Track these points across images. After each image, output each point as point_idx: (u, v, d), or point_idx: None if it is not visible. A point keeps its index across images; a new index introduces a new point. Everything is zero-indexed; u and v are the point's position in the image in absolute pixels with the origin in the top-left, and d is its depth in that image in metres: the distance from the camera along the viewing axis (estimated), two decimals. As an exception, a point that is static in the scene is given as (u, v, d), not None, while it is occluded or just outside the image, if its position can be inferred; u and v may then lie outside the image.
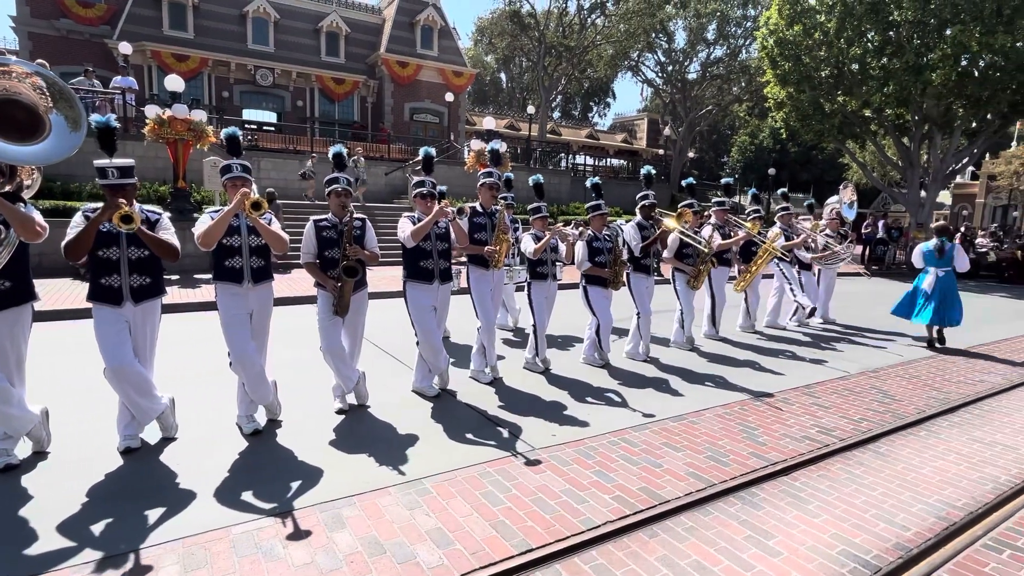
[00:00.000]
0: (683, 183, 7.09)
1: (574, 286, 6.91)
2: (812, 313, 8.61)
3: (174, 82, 11.81)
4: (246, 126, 22.42)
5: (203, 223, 3.74)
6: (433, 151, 5.15)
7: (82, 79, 14.45)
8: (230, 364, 3.89)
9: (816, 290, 8.86)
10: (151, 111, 11.10)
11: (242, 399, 4.03)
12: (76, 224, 3.40)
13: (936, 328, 7.48)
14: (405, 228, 4.58)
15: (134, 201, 3.56)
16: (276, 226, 3.91)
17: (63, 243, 3.39)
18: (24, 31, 20.44)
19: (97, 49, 21.04)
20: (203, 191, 13.37)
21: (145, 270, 3.58)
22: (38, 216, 3.26)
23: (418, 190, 4.69)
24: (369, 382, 4.72)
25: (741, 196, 31.80)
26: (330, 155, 4.50)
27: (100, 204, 3.53)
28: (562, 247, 5.72)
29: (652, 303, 6.32)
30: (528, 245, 5.48)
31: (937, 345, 7.48)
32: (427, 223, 4.48)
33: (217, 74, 23.21)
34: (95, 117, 3.57)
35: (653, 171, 6.53)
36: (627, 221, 6.55)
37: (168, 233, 3.64)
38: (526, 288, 5.70)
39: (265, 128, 23.68)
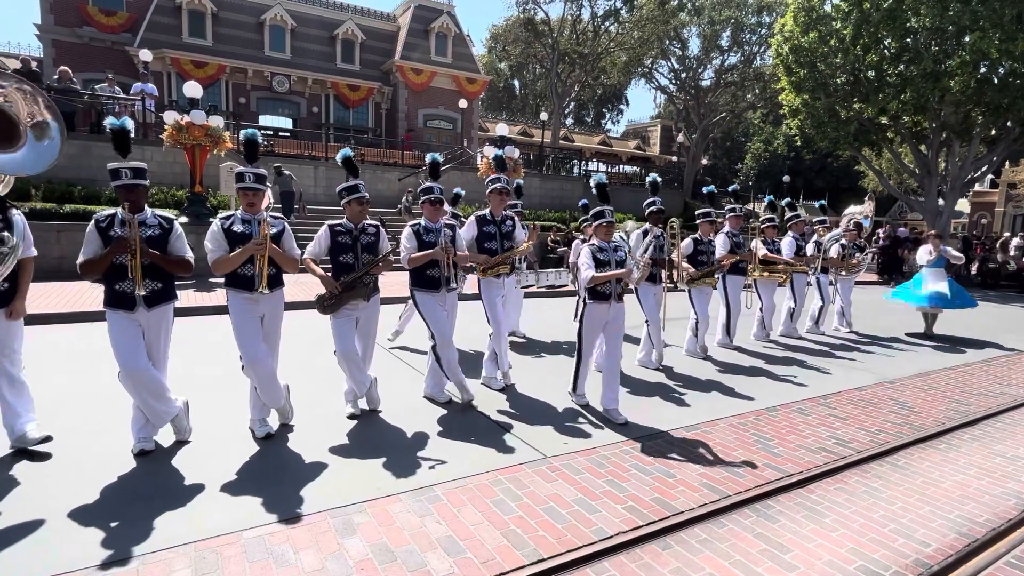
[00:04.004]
0: (704, 190, 7.04)
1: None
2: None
3: (192, 88, 11.98)
4: (262, 132, 22.71)
5: (215, 245, 3.78)
6: (440, 157, 5.13)
7: (104, 86, 14.73)
8: (242, 367, 3.91)
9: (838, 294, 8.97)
10: (170, 117, 11.28)
11: (254, 403, 4.05)
12: (90, 239, 3.49)
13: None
14: (407, 245, 4.58)
15: (145, 205, 3.65)
16: (288, 239, 3.98)
17: (79, 262, 3.51)
18: (48, 39, 20.91)
19: (118, 56, 21.46)
20: (219, 196, 13.54)
21: (157, 276, 3.63)
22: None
23: (426, 196, 4.69)
24: (380, 387, 4.73)
25: (755, 203, 31.59)
26: (339, 159, 4.52)
27: (111, 210, 3.61)
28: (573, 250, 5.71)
29: (666, 312, 6.27)
30: (585, 269, 4.53)
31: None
32: (424, 256, 4.52)
33: (234, 80, 23.57)
34: (111, 120, 3.65)
35: (659, 179, 6.45)
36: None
37: (180, 243, 3.72)
38: (579, 313, 4.83)
39: (281, 134, 24.00)
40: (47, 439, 3.73)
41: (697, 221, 6.80)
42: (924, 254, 8.82)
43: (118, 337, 3.56)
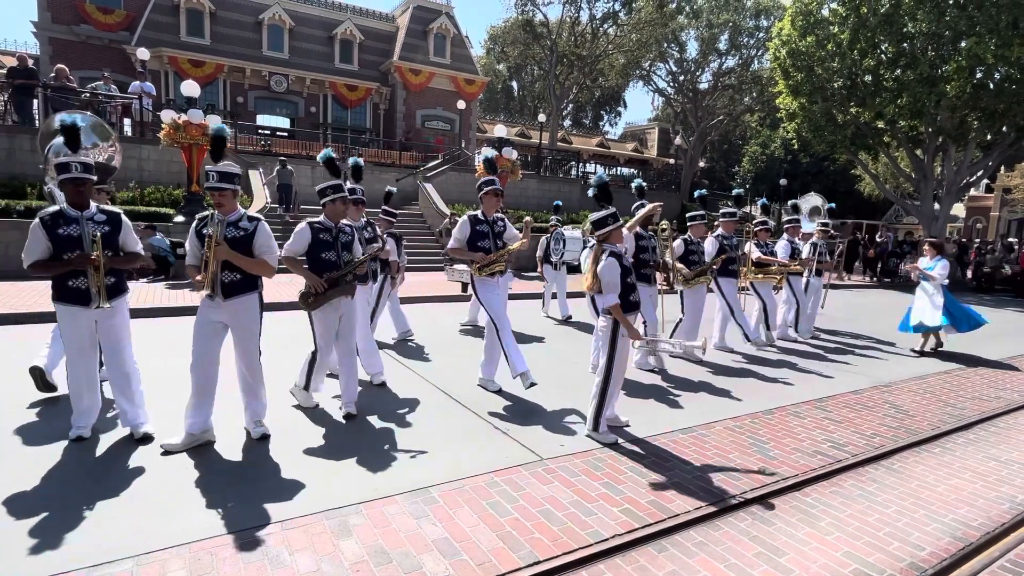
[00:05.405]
0: (696, 193, 7.07)
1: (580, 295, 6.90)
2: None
3: (190, 87, 11.97)
4: (260, 131, 22.66)
5: (188, 248, 3.79)
6: (362, 162, 5.46)
7: (101, 84, 14.67)
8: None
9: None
10: (167, 116, 11.27)
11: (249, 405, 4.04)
12: (36, 238, 3.52)
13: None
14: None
15: (91, 201, 3.72)
16: (262, 239, 3.78)
17: (29, 263, 3.54)
18: (45, 36, 20.83)
19: (116, 54, 21.40)
20: (216, 195, 13.50)
21: (111, 272, 3.69)
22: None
23: (352, 196, 4.86)
24: (377, 388, 4.72)
25: (752, 207, 31.65)
26: (320, 160, 4.57)
27: (55, 208, 3.64)
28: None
29: (667, 313, 6.28)
30: (610, 293, 4.06)
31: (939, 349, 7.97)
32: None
33: (232, 80, 23.52)
34: (62, 116, 3.70)
35: (644, 184, 6.47)
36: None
37: (130, 236, 3.81)
38: (610, 336, 4.21)
39: (278, 133, 23.95)
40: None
41: (688, 224, 6.83)
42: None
43: (70, 334, 3.66)
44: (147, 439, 3.81)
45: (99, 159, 4.95)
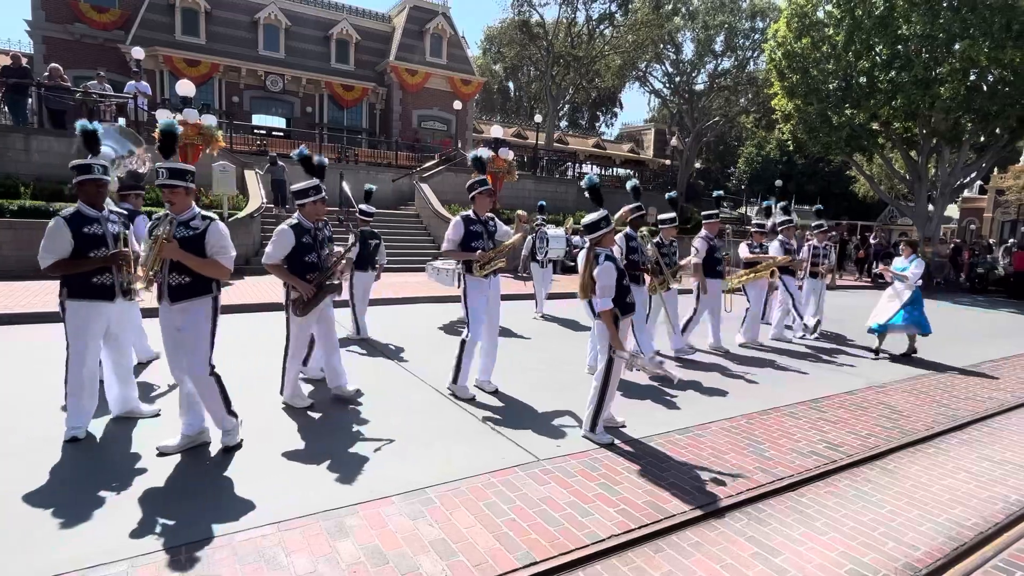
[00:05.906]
0: (667, 196, 7.01)
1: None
2: (816, 327, 8.56)
3: (185, 87, 11.92)
4: (255, 131, 22.59)
5: (143, 248, 3.73)
6: (326, 160, 5.30)
7: (95, 83, 14.60)
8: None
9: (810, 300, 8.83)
10: (162, 115, 11.20)
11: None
12: (61, 237, 3.55)
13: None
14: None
15: (107, 200, 3.86)
16: (214, 239, 3.53)
17: (50, 262, 3.56)
18: (39, 35, 20.73)
19: (110, 54, 21.30)
20: (211, 195, 13.46)
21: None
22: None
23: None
24: (374, 388, 4.71)
25: (748, 207, 31.79)
26: (295, 157, 4.61)
27: (72, 207, 3.69)
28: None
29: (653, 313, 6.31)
30: (605, 297, 4.08)
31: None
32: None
33: (228, 79, 23.44)
34: (81, 123, 3.75)
35: (639, 185, 6.47)
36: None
37: (133, 239, 3.98)
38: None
39: (274, 133, 23.89)
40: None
41: (661, 226, 6.76)
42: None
43: (85, 332, 3.69)
44: (157, 414, 4.22)
45: (140, 170, 5.10)
